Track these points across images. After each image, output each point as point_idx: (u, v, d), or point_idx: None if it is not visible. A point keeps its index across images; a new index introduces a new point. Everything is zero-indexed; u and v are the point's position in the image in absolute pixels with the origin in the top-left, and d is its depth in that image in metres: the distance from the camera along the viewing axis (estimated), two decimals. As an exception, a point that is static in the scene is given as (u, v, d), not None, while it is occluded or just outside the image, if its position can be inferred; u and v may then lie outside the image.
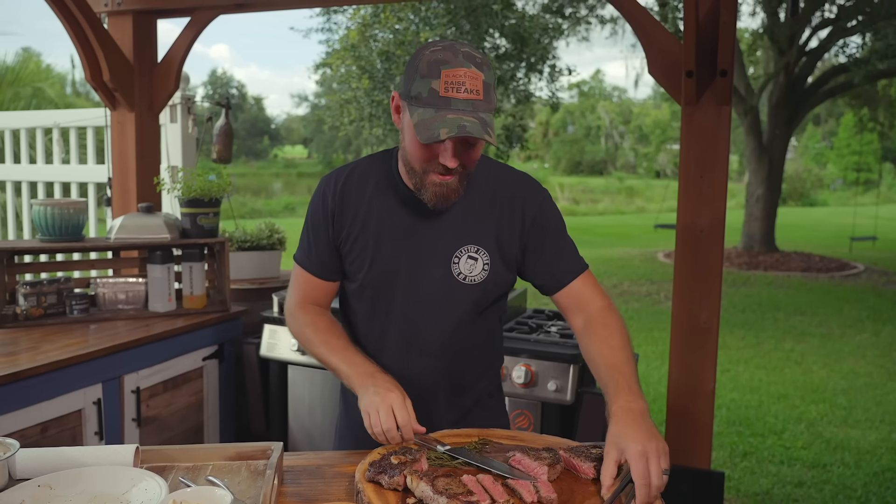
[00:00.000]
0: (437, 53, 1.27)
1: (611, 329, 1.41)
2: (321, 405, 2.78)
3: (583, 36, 12.21)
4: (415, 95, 1.28)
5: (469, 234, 1.45)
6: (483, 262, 1.45)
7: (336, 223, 1.48)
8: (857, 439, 4.36)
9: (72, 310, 2.64)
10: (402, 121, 1.36)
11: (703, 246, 2.46)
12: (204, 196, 2.74)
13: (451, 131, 1.22)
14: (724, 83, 2.36)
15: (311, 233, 1.51)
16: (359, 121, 10.24)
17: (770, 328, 7.36)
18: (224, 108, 3.64)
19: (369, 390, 1.33)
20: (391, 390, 1.32)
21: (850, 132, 24.75)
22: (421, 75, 1.27)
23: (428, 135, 1.24)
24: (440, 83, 1.25)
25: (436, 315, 1.47)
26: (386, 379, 1.36)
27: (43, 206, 2.57)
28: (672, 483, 1.20)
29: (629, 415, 1.24)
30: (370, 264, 1.47)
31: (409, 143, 1.34)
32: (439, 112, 1.25)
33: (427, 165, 1.34)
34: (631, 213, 21.92)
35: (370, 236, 1.46)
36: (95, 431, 2.30)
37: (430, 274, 1.45)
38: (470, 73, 1.25)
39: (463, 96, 1.25)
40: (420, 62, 1.28)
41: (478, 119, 1.25)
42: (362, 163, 1.52)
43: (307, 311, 1.53)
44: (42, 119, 4.22)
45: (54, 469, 1.24)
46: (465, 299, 1.47)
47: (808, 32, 12.04)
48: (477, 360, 1.56)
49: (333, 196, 1.48)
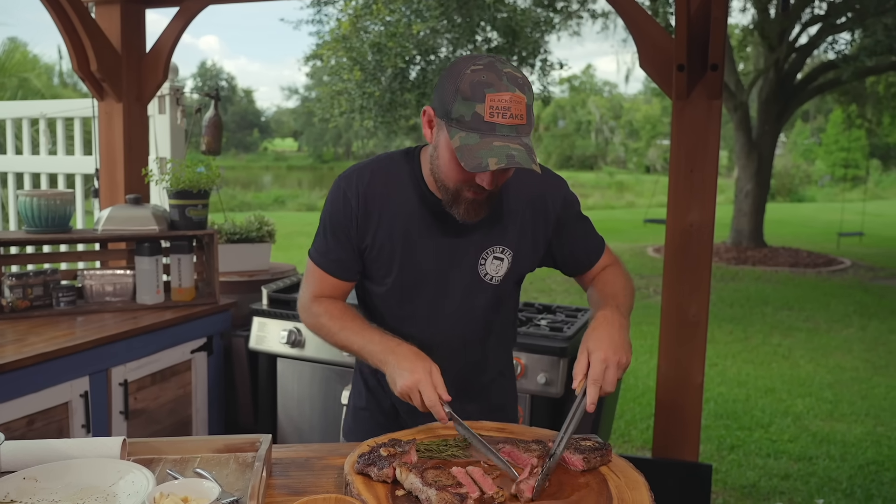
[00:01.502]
0: (479, 74, 1.24)
1: (616, 275, 1.55)
2: (310, 398, 2.78)
3: (574, 30, 12.20)
4: (456, 118, 1.25)
5: (495, 235, 1.46)
6: (508, 261, 1.49)
7: (360, 228, 1.45)
8: (843, 433, 4.40)
9: (58, 302, 2.61)
10: (437, 138, 1.33)
11: (692, 239, 2.47)
12: (193, 187, 2.72)
13: (500, 161, 1.20)
14: (715, 77, 2.37)
15: (330, 232, 1.48)
16: (349, 112, 10.19)
17: (758, 323, 7.41)
18: (213, 99, 3.61)
19: (395, 369, 1.33)
20: (415, 371, 1.31)
21: (838, 129, 24.89)
22: (463, 97, 1.24)
23: (475, 163, 1.22)
24: (485, 108, 1.22)
25: (461, 316, 1.51)
26: (410, 356, 1.35)
27: (29, 197, 2.55)
28: (660, 475, 1.21)
29: (606, 323, 1.34)
30: (398, 269, 1.47)
31: (444, 162, 1.32)
32: (484, 138, 1.23)
33: (461, 185, 1.33)
34: (621, 208, 21.96)
35: (397, 241, 1.45)
36: (82, 424, 2.29)
37: (457, 277, 1.47)
38: (515, 98, 1.23)
39: (507, 122, 1.23)
40: (461, 82, 1.24)
41: (522, 146, 1.23)
42: (383, 164, 1.48)
43: (320, 303, 1.51)
44: (28, 109, 4.17)
45: (40, 461, 1.23)
46: (491, 297, 1.51)
47: (797, 29, 12.09)
48: (495, 347, 1.61)
49: (357, 199, 1.44)
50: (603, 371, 1.27)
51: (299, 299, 1.55)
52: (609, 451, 1.31)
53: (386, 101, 9.73)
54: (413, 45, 9.49)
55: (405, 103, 9.86)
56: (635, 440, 4.26)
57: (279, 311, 2.79)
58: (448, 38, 9.82)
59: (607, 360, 1.27)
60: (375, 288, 1.52)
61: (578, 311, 2.87)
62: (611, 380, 1.27)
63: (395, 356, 1.35)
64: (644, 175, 32.76)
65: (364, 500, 1.12)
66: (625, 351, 1.30)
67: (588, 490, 1.20)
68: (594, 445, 1.30)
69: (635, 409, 4.76)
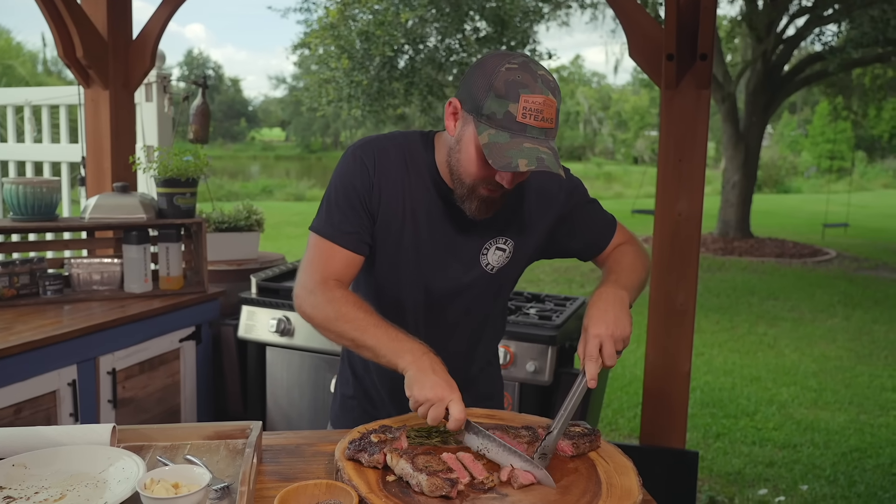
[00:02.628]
0: (515, 73, 1.23)
1: (623, 252, 1.54)
2: (299, 387, 2.78)
3: (563, 20, 12.20)
4: (487, 114, 1.24)
5: (499, 226, 1.46)
6: (510, 252, 1.49)
7: (375, 196, 1.41)
8: (827, 420, 4.46)
9: (45, 290, 2.59)
10: (462, 131, 1.31)
11: (681, 228, 2.49)
12: (181, 176, 2.70)
13: (530, 163, 1.20)
14: (704, 67, 2.38)
15: (344, 202, 1.40)
16: (337, 101, 10.15)
17: (744, 313, 7.47)
18: (200, 87, 3.58)
19: (426, 380, 1.25)
20: (450, 385, 1.25)
21: (824, 120, 25.03)
22: (497, 94, 1.23)
23: (504, 163, 1.21)
24: (518, 108, 1.21)
25: (459, 305, 1.50)
26: (442, 368, 1.28)
27: (15, 185, 2.52)
28: (647, 462, 1.22)
29: (599, 299, 1.33)
30: (399, 249, 1.44)
31: (466, 157, 1.31)
32: (514, 138, 1.22)
33: (479, 182, 1.32)
34: (609, 199, 22.01)
35: (403, 220, 1.43)
36: (70, 413, 2.28)
37: (458, 265, 1.46)
38: (548, 102, 1.23)
39: (538, 124, 1.22)
40: (496, 79, 1.23)
41: (550, 150, 1.24)
42: (399, 140, 1.45)
43: (331, 287, 1.38)
44: (13, 96, 4.13)
45: (29, 448, 1.23)
46: (490, 287, 1.51)
47: (785, 20, 12.14)
48: (488, 336, 1.62)
49: (374, 167, 1.40)
50: (598, 346, 1.27)
51: (300, 285, 1.41)
52: (598, 436, 1.32)
53: (374, 90, 9.69)
54: (401, 34, 9.45)
55: (393, 92, 9.82)
56: (623, 428, 4.30)
57: (268, 300, 2.78)
58: (437, 28, 9.79)
59: (600, 336, 1.28)
60: (373, 267, 1.48)
61: (567, 300, 2.89)
62: (609, 353, 1.27)
63: (429, 361, 1.28)
64: (632, 166, 32.85)
65: (355, 486, 1.12)
66: (620, 324, 1.29)
67: (577, 475, 1.21)
68: (583, 431, 1.31)
69: (623, 397, 4.80)
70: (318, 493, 1.12)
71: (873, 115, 17.39)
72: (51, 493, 1.12)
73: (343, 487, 1.12)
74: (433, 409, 1.23)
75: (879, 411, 4.64)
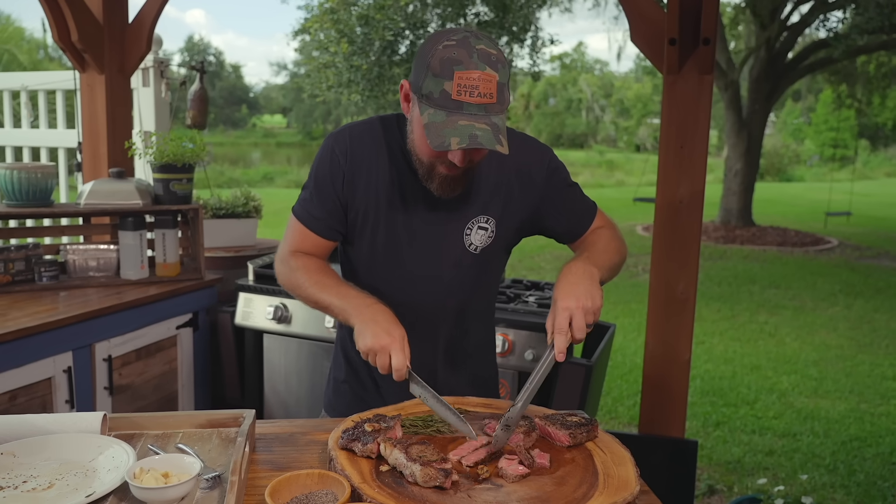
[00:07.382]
0: (450, 50, 1.21)
1: (599, 235, 1.52)
2: (297, 373, 2.76)
3: (565, 7, 12.11)
4: (426, 94, 1.24)
5: (480, 205, 1.45)
6: (492, 230, 1.47)
7: (346, 186, 1.43)
8: (827, 409, 4.45)
9: (41, 277, 2.58)
10: (412, 113, 1.32)
11: (681, 214, 2.46)
12: (177, 161, 2.68)
13: (461, 141, 1.19)
14: (707, 52, 2.34)
15: (315, 189, 1.46)
16: (337, 87, 10.09)
17: (745, 301, 7.45)
18: (198, 72, 3.55)
19: (367, 325, 1.29)
20: (390, 333, 1.28)
21: (827, 108, 24.90)
22: (433, 73, 1.22)
23: (439, 142, 1.21)
24: (452, 85, 1.20)
25: (445, 286, 1.49)
26: (386, 317, 1.31)
27: (10, 171, 2.50)
28: (646, 451, 1.20)
29: (572, 272, 1.31)
30: (380, 234, 1.45)
31: (417, 137, 1.32)
32: (450, 116, 1.21)
33: (435, 160, 1.33)
34: (610, 187, 21.95)
35: (380, 205, 1.43)
36: (66, 400, 2.26)
37: (442, 245, 1.45)
38: (484, 76, 1.20)
39: (476, 100, 1.21)
40: (432, 58, 1.22)
41: (489, 125, 1.21)
42: (374, 125, 1.46)
43: (298, 257, 1.48)
44: (9, 81, 4.09)
45: (19, 436, 1.21)
46: (475, 266, 1.50)
47: (789, 7, 12.03)
48: (477, 317, 1.60)
49: (346, 157, 1.43)
50: (567, 319, 1.25)
51: (278, 252, 1.53)
52: (595, 426, 1.30)
53: (374, 74, 9.63)
54: (402, 18, 9.38)
55: (393, 77, 9.76)
56: (622, 416, 4.29)
57: (266, 287, 2.77)
58: (437, 13, 9.71)
59: (570, 309, 1.25)
60: (356, 252, 1.50)
61: (567, 287, 2.86)
62: (579, 325, 1.24)
63: (371, 312, 1.31)
64: (634, 154, 32.74)
65: (348, 476, 1.10)
66: (590, 296, 1.26)
67: (574, 465, 1.20)
68: (580, 421, 1.30)
69: (622, 385, 4.79)
70: (310, 483, 1.10)
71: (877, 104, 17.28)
72: (39, 482, 1.10)
73: (335, 477, 1.10)
74: (378, 357, 1.27)
75: (880, 400, 4.63)
